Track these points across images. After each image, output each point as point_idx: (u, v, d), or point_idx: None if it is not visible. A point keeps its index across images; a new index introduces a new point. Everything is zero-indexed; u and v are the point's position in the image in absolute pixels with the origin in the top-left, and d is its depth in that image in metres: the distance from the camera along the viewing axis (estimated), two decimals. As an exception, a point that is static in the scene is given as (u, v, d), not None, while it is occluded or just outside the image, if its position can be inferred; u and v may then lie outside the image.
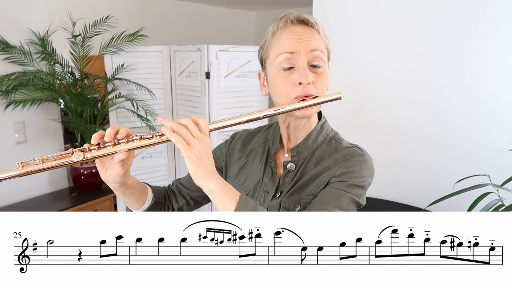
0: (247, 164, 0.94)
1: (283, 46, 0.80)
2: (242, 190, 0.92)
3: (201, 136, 0.71)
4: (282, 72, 0.81)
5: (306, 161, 0.86)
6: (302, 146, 0.87)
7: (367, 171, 0.83)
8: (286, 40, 0.80)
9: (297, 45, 0.79)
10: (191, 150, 0.69)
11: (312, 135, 0.88)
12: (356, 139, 0.95)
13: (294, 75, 0.79)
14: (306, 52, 0.79)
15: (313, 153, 0.87)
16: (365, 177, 0.82)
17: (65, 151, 0.72)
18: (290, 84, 0.80)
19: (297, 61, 0.79)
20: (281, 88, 0.81)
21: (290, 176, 0.87)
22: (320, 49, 0.81)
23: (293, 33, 0.80)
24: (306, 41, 0.79)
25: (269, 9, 4.45)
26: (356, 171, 0.81)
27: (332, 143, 0.88)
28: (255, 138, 0.98)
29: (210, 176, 0.70)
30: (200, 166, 0.69)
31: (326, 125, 0.92)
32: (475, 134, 1.80)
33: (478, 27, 1.73)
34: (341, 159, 0.83)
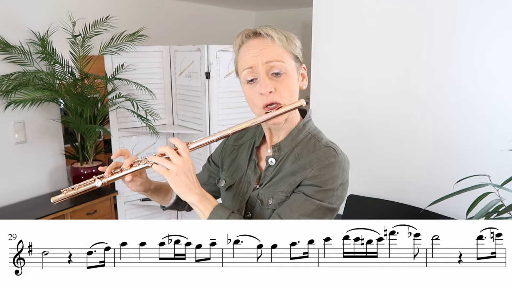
0: (237, 157, 1.03)
1: (244, 62, 0.88)
2: (230, 180, 1.01)
3: (179, 160, 0.82)
4: (248, 84, 0.89)
5: (285, 157, 0.92)
6: (283, 142, 0.93)
7: (338, 171, 0.87)
8: (245, 56, 0.88)
9: (254, 59, 0.86)
10: (170, 174, 0.82)
11: (293, 133, 0.93)
12: (355, 139, 0.96)
13: (257, 86, 0.87)
14: (263, 64, 0.85)
15: (292, 150, 0.92)
16: (336, 178, 0.86)
17: (88, 180, 0.89)
18: (256, 94, 0.87)
19: (258, 73, 0.86)
20: (250, 99, 0.89)
21: (270, 170, 0.94)
22: (276, 58, 0.86)
23: (249, 47, 0.88)
24: (261, 54, 0.85)
25: (269, 9, 4.46)
26: (327, 173, 0.86)
27: (312, 141, 0.93)
28: (247, 133, 1.06)
29: (189, 192, 0.83)
30: (180, 187, 0.82)
31: (309, 124, 0.96)
32: (475, 134, 1.80)
33: (478, 27, 1.73)
34: (315, 161, 0.87)
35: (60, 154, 2.68)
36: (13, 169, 2.42)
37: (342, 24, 2.13)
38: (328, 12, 2.17)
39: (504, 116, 1.72)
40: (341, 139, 0.95)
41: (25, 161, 2.48)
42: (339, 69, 2.16)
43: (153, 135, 2.61)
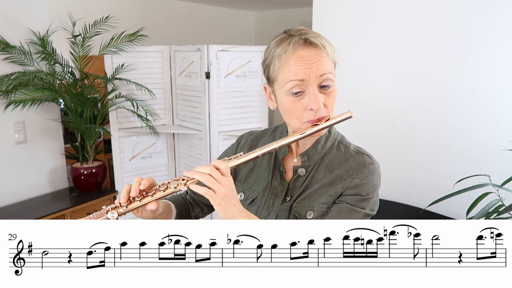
0: (255, 168, 0.96)
1: (292, 73, 0.79)
2: (251, 193, 0.94)
3: (225, 180, 0.75)
4: (292, 97, 0.81)
5: (316, 167, 0.88)
6: (311, 151, 0.89)
7: (377, 178, 0.87)
8: (295, 67, 0.79)
9: (307, 72, 0.78)
10: (219, 197, 0.73)
11: (321, 140, 0.89)
12: (356, 139, 0.96)
13: (305, 100, 0.80)
14: (316, 78, 0.79)
15: (322, 158, 0.89)
16: (376, 185, 0.87)
17: (100, 211, 0.80)
18: (301, 108, 0.81)
19: (308, 87, 0.79)
20: (292, 112, 0.82)
21: (300, 180, 0.89)
22: (329, 71, 0.81)
23: (301, 58, 0.79)
24: (316, 67, 0.79)
25: (269, 9, 4.45)
26: (368, 182, 0.85)
27: (341, 148, 0.90)
28: (262, 141, 0.99)
29: (238, 216, 0.75)
30: (229, 211, 0.74)
31: (333, 129, 0.93)
32: (475, 134, 1.80)
33: (478, 26, 1.73)
34: (354, 169, 0.85)
35: (60, 154, 2.68)
36: (13, 169, 2.42)
37: (342, 24, 2.13)
38: (328, 12, 2.17)
39: (504, 116, 1.72)
40: (341, 139, 0.95)
41: (25, 161, 2.48)
42: (339, 69, 2.15)
43: (153, 135, 2.61)
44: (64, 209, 2.35)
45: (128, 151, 2.70)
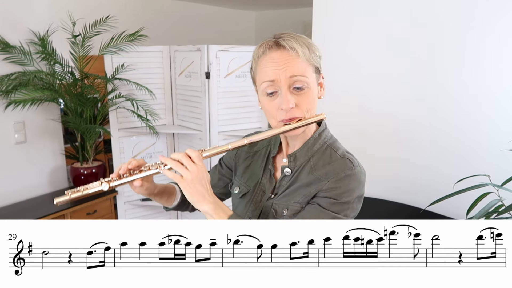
0: (252, 164, 1.01)
1: (265, 74, 0.85)
2: (244, 187, 1.00)
3: (194, 167, 0.81)
4: (267, 97, 0.86)
5: (301, 168, 0.91)
6: (299, 153, 0.92)
7: (355, 184, 0.85)
8: (267, 68, 0.84)
9: (277, 73, 0.83)
10: (185, 182, 0.81)
11: (308, 142, 0.91)
12: (356, 139, 0.96)
13: (278, 100, 0.85)
14: (285, 79, 0.83)
15: (308, 160, 0.90)
16: (352, 191, 0.85)
17: (95, 182, 0.88)
18: (275, 108, 0.85)
19: (280, 87, 0.84)
20: (268, 111, 0.88)
21: (286, 180, 0.92)
22: (300, 73, 0.83)
23: (272, 60, 0.84)
24: (285, 68, 0.82)
25: (269, 9, 4.45)
26: (343, 186, 0.84)
27: (328, 151, 0.91)
28: (260, 141, 1.02)
29: (204, 201, 0.82)
30: (193, 195, 0.81)
31: (325, 133, 0.94)
32: (475, 134, 1.80)
33: (477, 26, 1.73)
34: (331, 172, 0.86)
35: (60, 154, 2.68)
36: (13, 169, 2.42)
37: (342, 24, 2.13)
38: (328, 12, 2.17)
39: (504, 117, 1.72)
40: (341, 140, 0.95)
41: (25, 161, 2.48)
42: (340, 69, 2.16)
43: (153, 135, 2.61)
44: (64, 209, 2.35)
45: (128, 151, 2.69)
